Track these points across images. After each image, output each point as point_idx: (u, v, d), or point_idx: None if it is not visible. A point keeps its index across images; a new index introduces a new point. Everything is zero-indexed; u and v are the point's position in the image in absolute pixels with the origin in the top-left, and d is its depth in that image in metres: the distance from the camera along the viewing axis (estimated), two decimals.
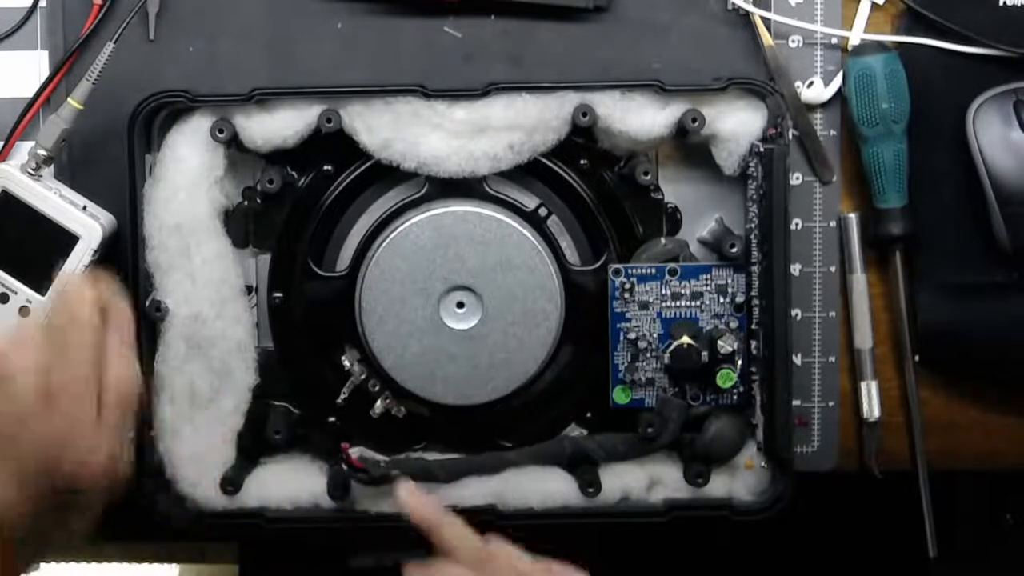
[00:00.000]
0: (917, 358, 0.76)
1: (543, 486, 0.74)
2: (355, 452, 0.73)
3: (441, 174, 0.72)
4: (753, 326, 0.73)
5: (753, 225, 0.73)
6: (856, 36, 0.75)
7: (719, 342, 0.73)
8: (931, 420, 0.77)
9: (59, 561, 0.97)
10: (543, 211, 0.75)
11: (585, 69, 0.75)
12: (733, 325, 0.74)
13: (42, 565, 0.97)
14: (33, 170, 0.72)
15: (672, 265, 0.74)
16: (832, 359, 0.77)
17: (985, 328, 0.75)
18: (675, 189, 0.76)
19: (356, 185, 0.74)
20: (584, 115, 0.72)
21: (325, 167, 0.74)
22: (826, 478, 0.77)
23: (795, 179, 0.76)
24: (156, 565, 1.00)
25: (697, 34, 0.76)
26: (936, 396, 0.77)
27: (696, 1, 0.76)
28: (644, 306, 0.74)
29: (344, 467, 0.73)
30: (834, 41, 0.76)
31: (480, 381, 0.73)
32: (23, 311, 0.72)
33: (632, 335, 0.74)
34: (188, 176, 0.72)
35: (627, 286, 0.74)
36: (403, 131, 0.72)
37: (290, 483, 0.75)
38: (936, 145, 0.75)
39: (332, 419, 0.76)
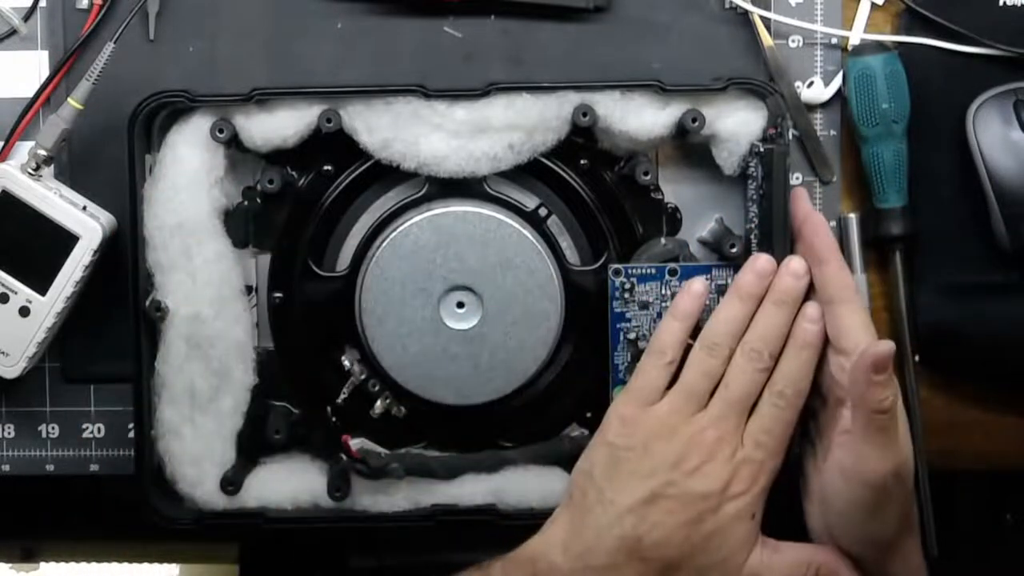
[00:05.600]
0: (917, 358, 0.76)
1: (543, 485, 0.74)
2: (355, 443, 0.73)
3: (441, 174, 0.73)
4: None
5: (753, 225, 0.73)
6: (856, 36, 0.76)
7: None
8: (931, 420, 0.76)
9: (59, 561, 0.97)
10: (543, 211, 0.75)
11: (585, 69, 0.75)
12: None
13: (42, 565, 0.97)
14: (33, 170, 0.72)
15: (672, 265, 0.74)
16: None
17: (985, 328, 0.75)
18: (675, 189, 0.76)
19: (356, 185, 0.74)
20: (584, 115, 0.72)
21: (325, 167, 0.74)
22: None
23: (795, 179, 0.76)
24: (156, 565, 1.00)
25: (697, 34, 0.76)
26: (936, 396, 0.77)
27: (696, 1, 0.76)
28: (644, 306, 0.74)
29: (344, 458, 0.73)
30: (834, 41, 0.76)
31: (480, 381, 0.73)
32: (23, 311, 0.72)
33: (632, 335, 0.74)
34: (188, 176, 0.72)
35: (627, 286, 0.74)
36: (403, 131, 0.72)
37: (290, 483, 0.75)
38: (936, 145, 0.75)
39: (332, 419, 0.76)
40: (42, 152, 0.72)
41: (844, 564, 0.68)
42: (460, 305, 0.73)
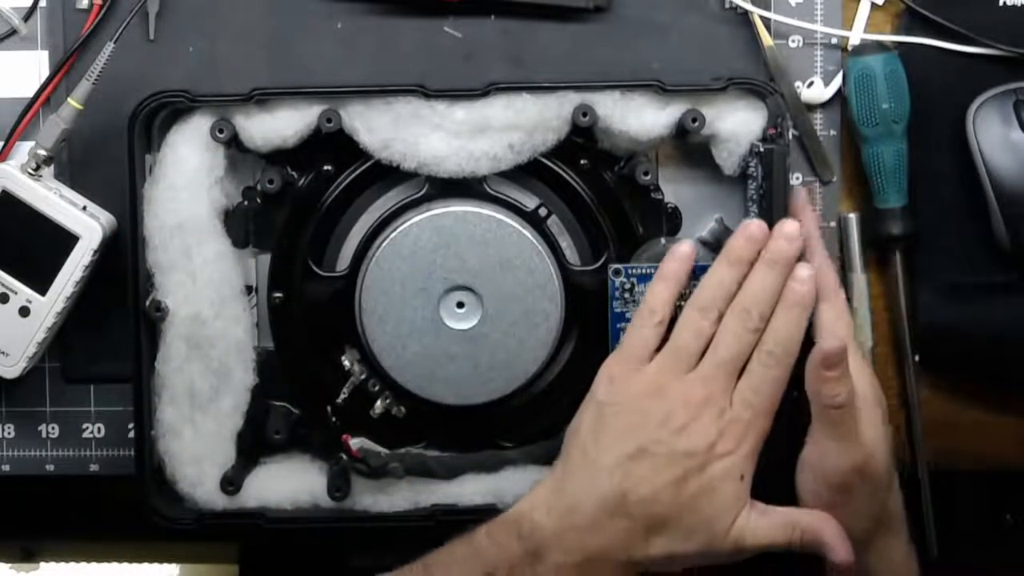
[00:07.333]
0: (917, 358, 0.76)
1: None
2: (355, 443, 0.73)
3: (441, 174, 0.73)
4: None
5: None
6: (856, 36, 0.76)
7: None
8: (931, 420, 0.77)
9: (59, 561, 0.97)
10: (543, 211, 0.75)
11: (585, 69, 0.75)
12: None
13: (42, 565, 0.97)
14: (33, 170, 0.72)
15: None
16: None
17: (985, 328, 0.75)
18: (675, 189, 0.76)
19: (356, 185, 0.74)
20: (584, 115, 0.72)
21: (325, 167, 0.74)
22: None
23: (795, 179, 0.76)
24: (156, 565, 1.00)
25: (697, 34, 0.76)
26: (936, 396, 0.77)
27: (696, 1, 0.76)
28: None
29: (344, 458, 0.73)
30: (834, 41, 0.76)
31: (480, 381, 0.73)
32: (23, 311, 0.72)
33: None
34: (188, 176, 0.72)
35: (627, 286, 0.74)
36: (403, 131, 0.72)
37: (290, 483, 0.75)
38: (936, 145, 0.75)
39: (332, 419, 0.76)
40: (42, 152, 0.72)
41: (829, 526, 0.67)
42: (460, 305, 0.73)
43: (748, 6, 0.75)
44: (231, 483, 0.74)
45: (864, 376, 0.69)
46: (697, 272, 0.74)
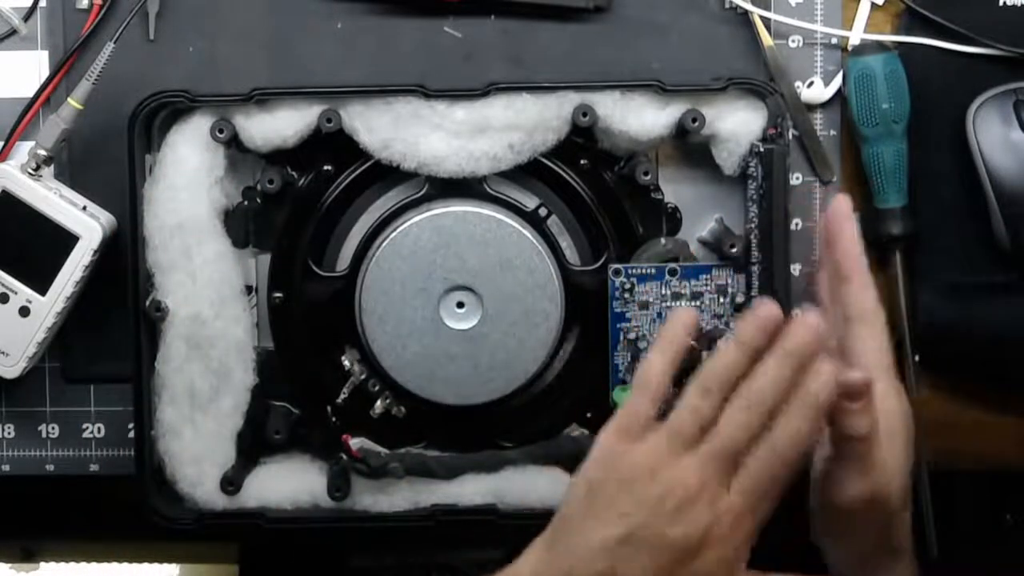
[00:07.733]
0: (917, 358, 0.76)
1: (543, 485, 0.74)
2: (355, 443, 0.73)
3: (441, 174, 0.73)
4: None
5: (753, 225, 0.73)
6: (856, 36, 0.76)
7: (719, 342, 0.73)
8: (931, 420, 0.76)
9: (59, 561, 0.97)
10: (543, 211, 0.75)
11: (585, 69, 0.75)
12: (733, 325, 0.74)
13: (42, 565, 0.97)
14: (33, 170, 0.72)
15: (672, 265, 0.74)
16: None
17: (985, 328, 0.75)
18: (675, 189, 0.76)
19: (356, 185, 0.75)
20: (584, 115, 0.72)
21: (325, 167, 0.74)
22: None
23: (795, 179, 0.76)
24: (156, 565, 1.00)
25: (697, 34, 0.76)
26: (936, 396, 0.77)
27: (696, 1, 0.76)
28: (644, 306, 0.74)
29: (344, 458, 0.73)
30: (834, 41, 0.76)
31: (480, 381, 0.73)
32: (23, 311, 0.72)
33: (632, 335, 0.74)
34: (188, 176, 0.72)
35: (627, 286, 0.74)
36: (403, 131, 0.72)
37: (290, 483, 0.75)
38: (936, 145, 0.75)
39: (332, 419, 0.76)
40: (42, 152, 0.72)
41: None
42: (460, 305, 0.73)
43: (748, 6, 0.75)
44: (231, 483, 0.74)
45: (892, 399, 0.66)
46: (698, 272, 0.74)
